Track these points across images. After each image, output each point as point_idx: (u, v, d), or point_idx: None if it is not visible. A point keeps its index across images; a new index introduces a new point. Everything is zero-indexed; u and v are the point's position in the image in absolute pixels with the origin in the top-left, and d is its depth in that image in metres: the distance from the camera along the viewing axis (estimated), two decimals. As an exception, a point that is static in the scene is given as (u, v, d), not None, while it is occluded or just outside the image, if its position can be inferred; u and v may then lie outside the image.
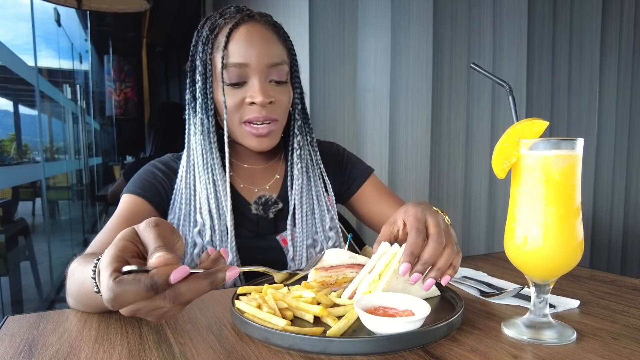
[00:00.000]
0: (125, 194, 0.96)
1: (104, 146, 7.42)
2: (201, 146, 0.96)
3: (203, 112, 0.95)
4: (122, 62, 7.06)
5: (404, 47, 1.84)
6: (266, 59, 0.92)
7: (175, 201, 0.98)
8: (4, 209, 2.89)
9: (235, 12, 0.95)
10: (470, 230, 2.12)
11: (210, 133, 0.96)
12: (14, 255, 2.77)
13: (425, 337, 0.56)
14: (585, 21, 2.36)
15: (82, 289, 0.66)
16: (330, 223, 1.03)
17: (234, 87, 0.92)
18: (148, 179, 0.99)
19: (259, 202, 1.00)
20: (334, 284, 0.76)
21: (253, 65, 0.91)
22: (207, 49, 0.93)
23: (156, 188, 0.98)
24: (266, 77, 0.93)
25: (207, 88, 0.94)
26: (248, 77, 0.92)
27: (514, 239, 0.60)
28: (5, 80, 2.91)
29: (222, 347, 0.57)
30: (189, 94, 0.98)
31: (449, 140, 2.01)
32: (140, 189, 0.96)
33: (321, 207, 1.03)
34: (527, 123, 0.59)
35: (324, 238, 1.01)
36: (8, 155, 3.18)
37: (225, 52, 0.90)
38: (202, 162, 0.96)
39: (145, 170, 1.01)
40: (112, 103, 7.06)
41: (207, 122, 0.96)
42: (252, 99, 0.91)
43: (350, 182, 1.12)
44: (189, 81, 0.98)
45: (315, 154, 1.06)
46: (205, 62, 0.94)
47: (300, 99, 1.03)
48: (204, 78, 0.94)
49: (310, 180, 1.03)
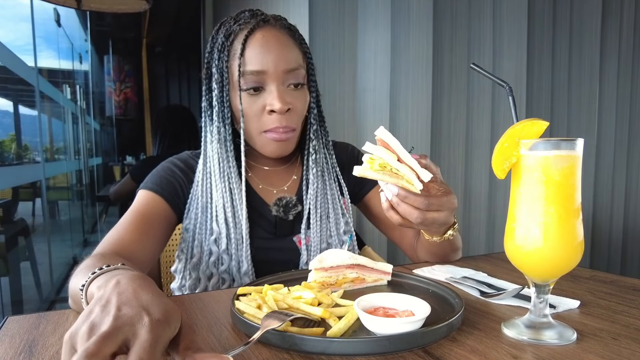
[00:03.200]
0: (142, 190, 0.95)
1: (104, 146, 7.42)
2: (218, 154, 0.95)
3: (220, 121, 0.95)
4: (122, 62, 7.06)
5: (404, 47, 1.84)
6: (283, 64, 0.91)
7: (192, 207, 0.97)
8: (4, 209, 2.89)
9: (249, 17, 0.94)
10: (470, 230, 2.12)
11: (227, 141, 0.95)
12: (14, 255, 2.77)
13: (425, 337, 0.56)
14: (585, 21, 2.36)
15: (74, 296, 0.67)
16: (345, 227, 1.03)
17: (252, 94, 0.92)
18: (166, 177, 0.98)
19: (280, 204, 0.99)
20: (334, 285, 0.76)
21: (270, 72, 0.90)
22: (223, 56, 0.92)
23: (173, 186, 0.97)
24: (283, 82, 0.92)
25: (224, 96, 0.94)
26: (265, 83, 0.91)
27: (514, 239, 0.60)
28: (5, 81, 2.91)
29: (222, 348, 0.57)
30: (205, 101, 0.98)
31: (449, 140, 2.01)
32: (158, 186, 0.95)
33: (336, 211, 1.03)
34: (527, 123, 0.59)
35: (338, 242, 1.01)
36: (8, 155, 3.18)
37: (241, 60, 0.90)
38: (219, 171, 0.95)
39: (163, 167, 1.01)
40: (112, 103, 7.06)
41: (224, 130, 0.95)
42: (271, 107, 0.91)
43: (363, 184, 1.12)
44: (205, 89, 0.97)
45: (331, 157, 1.06)
46: (221, 69, 0.93)
47: (316, 103, 1.02)
48: (221, 86, 0.93)
49: (325, 184, 1.03)
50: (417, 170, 0.72)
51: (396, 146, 0.71)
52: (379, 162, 0.71)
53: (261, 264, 0.95)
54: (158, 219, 0.93)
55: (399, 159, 0.71)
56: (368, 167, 0.71)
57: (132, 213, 0.91)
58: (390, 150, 0.71)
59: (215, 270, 0.94)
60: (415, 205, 0.75)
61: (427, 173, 0.72)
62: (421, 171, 0.71)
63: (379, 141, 0.72)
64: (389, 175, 0.72)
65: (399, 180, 0.72)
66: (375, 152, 0.71)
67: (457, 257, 1.00)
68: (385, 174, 0.71)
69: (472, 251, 2.13)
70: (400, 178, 0.72)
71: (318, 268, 0.75)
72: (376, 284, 0.80)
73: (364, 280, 0.79)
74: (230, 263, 0.94)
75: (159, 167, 1.01)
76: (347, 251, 0.78)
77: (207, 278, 0.95)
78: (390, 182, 0.72)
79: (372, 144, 0.72)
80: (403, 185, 0.72)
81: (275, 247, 0.98)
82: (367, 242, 1.40)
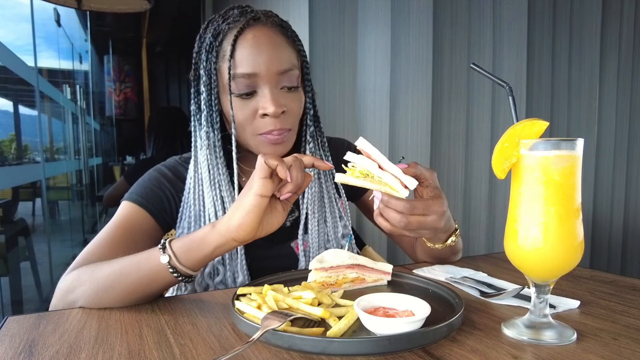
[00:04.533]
0: (127, 201, 0.90)
1: (104, 146, 7.43)
2: (207, 161, 0.91)
3: (209, 125, 0.90)
4: (122, 62, 7.07)
5: (404, 47, 1.84)
6: (276, 66, 0.86)
7: (184, 215, 0.93)
8: (4, 209, 2.89)
9: (239, 15, 0.88)
10: (470, 230, 2.12)
11: (216, 147, 0.91)
12: (14, 255, 2.77)
13: (425, 337, 0.56)
14: (585, 21, 2.36)
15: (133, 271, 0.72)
16: (344, 230, 0.99)
17: (243, 98, 0.87)
18: (153, 188, 0.93)
19: None
20: (334, 285, 0.76)
21: (262, 74, 0.85)
22: (211, 57, 0.87)
23: (160, 199, 0.93)
24: (277, 85, 0.87)
25: (213, 100, 0.89)
26: (258, 86, 0.86)
27: (514, 239, 0.60)
28: (5, 81, 2.91)
29: (222, 348, 0.57)
30: (193, 104, 0.93)
31: (449, 140, 2.01)
32: (143, 198, 0.91)
33: (333, 214, 0.99)
34: (527, 123, 0.59)
35: (336, 246, 0.98)
36: (8, 155, 3.18)
37: (232, 62, 0.84)
38: (209, 179, 0.91)
39: (151, 176, 0.96)
40: (112, 103, 7.06)
41: (213, 135, 0.90)
42: (264, 111, 0.86)
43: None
44: (194, 91, 0.93)
45: (327, 158, 1.02)
46: (209, 72, 0.88)
47: (312, 103, 0.98)
48: (209, 89, 0.88)
49: (322, 186, 1.00)
50: (400, 177, 0.72)
51: (376, 155, 0.72)
52: (360, 170, 0.73)
53: (258, 272, 0.91)
54: (141, 233, 0.88)
55: (380, 167, 0.72)
56: (349, 173, 0.73)
57: (115, 226, 0.87)
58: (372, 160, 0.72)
59: (210, 282, 0.91)
60: (398, 210, 0.75)
61: (412, 180, 0.72)
62: (405, 178, 0.72)
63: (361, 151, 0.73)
64: (370, 182, 0.73)
65: (381, 187, 0.73)
66: (356, 160, 0.73)
67: (456, 259, 1.00)
68: (367, 180, 0.73)
69: (472, 251, 2.12)
70: (383, 185, 0.73)
71: (318, 268, 0.75)
72: (376, 284, 0.80)
73: (364, 280, 0.79)
74: (225, 274, 0.91)
75: (146, 177, 0.96)
76: (347, 251, 0.78)
77: (203, 289, 0.92)
78: (372, 188, 0.73)
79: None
80: (386, 191, 0.73)
81: (272, 255, 0.96)
82: (367, 242, 1.40)
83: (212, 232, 0.71)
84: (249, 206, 0.68)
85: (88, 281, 0.74)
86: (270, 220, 0.73)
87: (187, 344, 0.58)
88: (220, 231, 0.70)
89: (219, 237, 0.71)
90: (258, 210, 0.68)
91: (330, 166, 0.74)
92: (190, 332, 0.62)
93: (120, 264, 0.74)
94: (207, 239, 0.71)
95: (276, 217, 0.74)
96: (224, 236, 0.70)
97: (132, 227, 0.88)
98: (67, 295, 0.75)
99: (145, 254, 0.74)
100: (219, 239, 0.71)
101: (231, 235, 0.70)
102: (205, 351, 0.56)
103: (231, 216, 0.70)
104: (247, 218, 0.68)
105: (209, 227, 0.72)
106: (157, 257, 0.72)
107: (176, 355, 0.55)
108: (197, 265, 0.73)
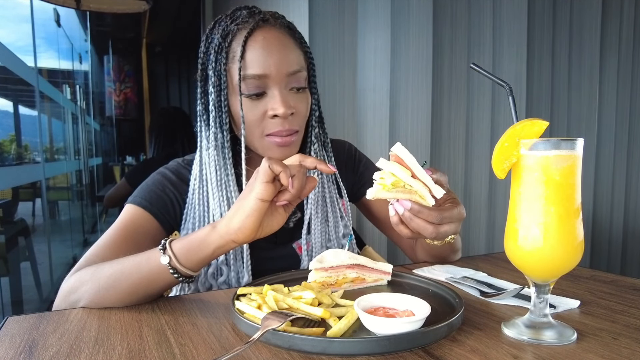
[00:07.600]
0: (131, 204, 0.90)
1: (104, 146, 7.42)
2: (215, 162, 0.91)
3: (217, 126, 0.90)
4: (122, 63, 7.06)
5: (404, 47, 1.84)
6: (285, 67, 0.86)
7: (189, 216, 0.93)
8: (4, 210, 2.89)
9: (247, 16, 0.89)
10: (470, 230, 2.12)
11: (224, 148, 0.91)
12: (14, 255, 2.77)
13: (425, 337, 0.56)
14: (585, 21, 2.36)
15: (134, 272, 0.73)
16: (344, 230, 1.00)
17: (253, 99, 0.87)
18: (157, 192, 0.93)
19: None
20: (334, 285, 0.76)
21: (273, 75, 0.86)
22: (220, 58, 0.87)
23: (164, 202, 0.93)
24: (286, 86, 0.88)
25: (222, 100, 0.89)
26: (267, 87, 0.87)
27: (514, 239, 0.60)
28: (5, 81, 2.91)
29: (222, 348, 0.57)
30: (200, 105, 0.93)
31: (449, 140, 2.01)
32: (147, 202, 0.91)
33: (335, 214, 1.00)
34: (527, 123, 0.59)
35: (337, 245, 0.99)
36: (8, 155, 3.18)
37: (242, 63, 0.85)
38: (216, 179, 0.91)
39: (154, 180, 0.96)
40: (112, 103, 7.06)
41: (221, 136, 0.90)
42: (274, 112, 0.86)
43: (361, 183, 1.10)
44: (201, 91, 0.93)
45: (330, 159, 1.03)
46: (219, 73, 0.88)
47: (317, 105, 0.98)
48: (219, 90, 0.88)
49: (324, 187, 1.00)
50: (430, 186, 0.71)
51: (411, 163, 0.70)
52: (391, 181, 0.70)
53: (260, 274, 0.90)
54: (145, 236, 0.88)
55: (412, 175, 0.71)
56: (380, 188, 0.70)
57: (119, 229, 0.87)
58: (404, 166, 0.71)
59: (214, 282, 0.92)
60: (430, 220, 0.73)
61: (440, 189, 0.71)
62: (434, 187, 0.71)
63: (393, 156, 0.71)
64: (402, 192, 0.71)
65: (412, 196, 0.71)
66: (388, 168, 0.70)
67: (456, 258, 1.00)
68: (398, 191, 0.71)
69: (472, 251, 2.13)
70: (413, 193, 0.71)
71: (318, 268, 0.75)
72: (376, 284, 0.80)
73: (364, 280, 0.79)
74: (229, 274, 0.91)
75: (150, 180, 0.96)
76: (347, 251, 0.78)
77: (207, 290, 0.92)
78: (403, 198, 0.71)
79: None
80: (416, 200, 0.71)
81: (275, 256, 0.96)
82: (367, 242, 1.40)
83: (212, 233, 0.71)
84: (249, 209, 0.69)
85: (90, 281, 0.74)
86: (271, 222, 0.73)
87: (187, 344, 0.58)
88: (220, 233, 0.71)
89: (219, 238, 0.71)
90: (258, 214, 0.69)
91: (333, 170, 0.74)
92: (191, 332, 0.62)
93: (122, 264, 0.75)
94: (207, 240, 0.71)
95: (276, 219, 0.74)
96: (224, 238, 0.71)
97: (136, 230, 0.88)
98: (69, 296, 0.76)
99: (145, 255, 0.74)
100: (219, 240, 0.71)
101: (231, 237, 0.70)
102: (206, 351, 0.56)
103: (231, 218, 0.70)
104: (247, 221, 0.69)
105: (209, 228, 0.72)
106: (158, 258, 0.72)
107: (176, 355, 0.55)
108: (198, 266, 0.73)
